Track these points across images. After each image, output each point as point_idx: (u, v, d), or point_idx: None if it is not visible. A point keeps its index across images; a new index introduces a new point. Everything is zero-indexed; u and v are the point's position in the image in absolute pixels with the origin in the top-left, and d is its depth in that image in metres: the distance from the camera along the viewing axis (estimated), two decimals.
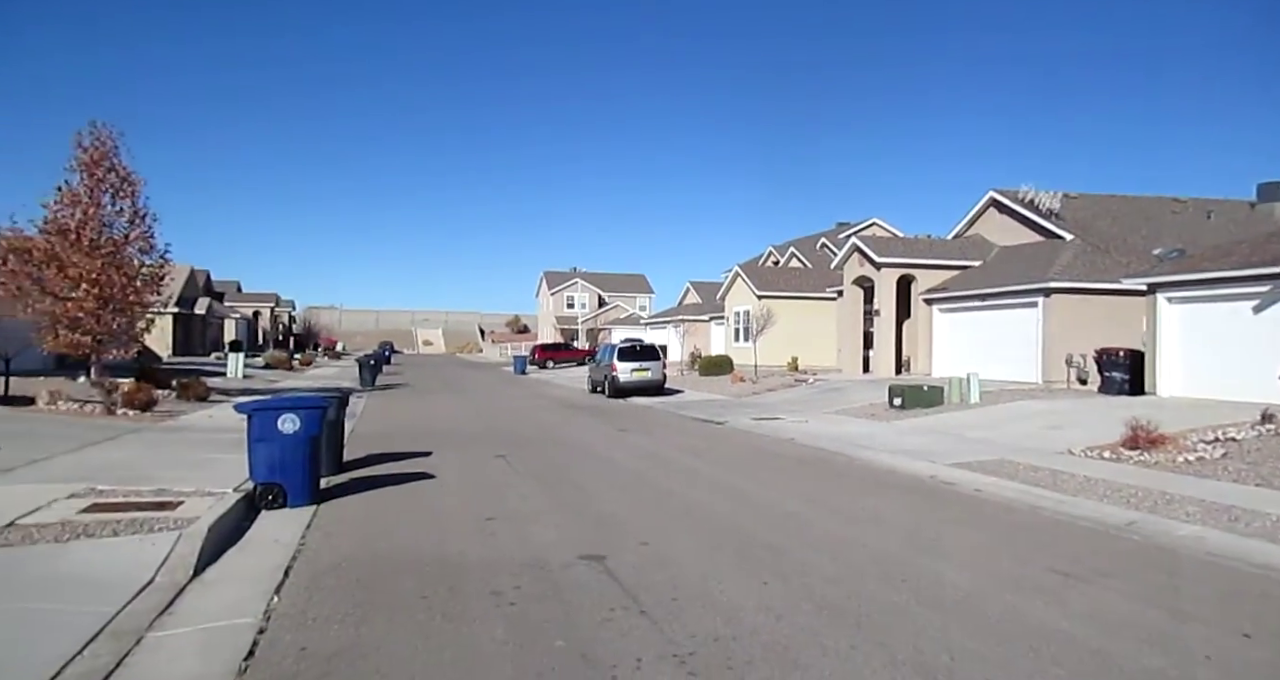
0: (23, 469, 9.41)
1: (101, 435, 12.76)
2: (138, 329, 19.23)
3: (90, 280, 16.98)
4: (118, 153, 17.72)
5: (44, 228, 17.14)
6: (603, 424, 17.91)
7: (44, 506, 7.39)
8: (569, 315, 76.87)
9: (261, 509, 8.01)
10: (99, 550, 6.11)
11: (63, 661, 4.03)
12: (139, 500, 7.86)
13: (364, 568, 6.03)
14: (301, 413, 8.41)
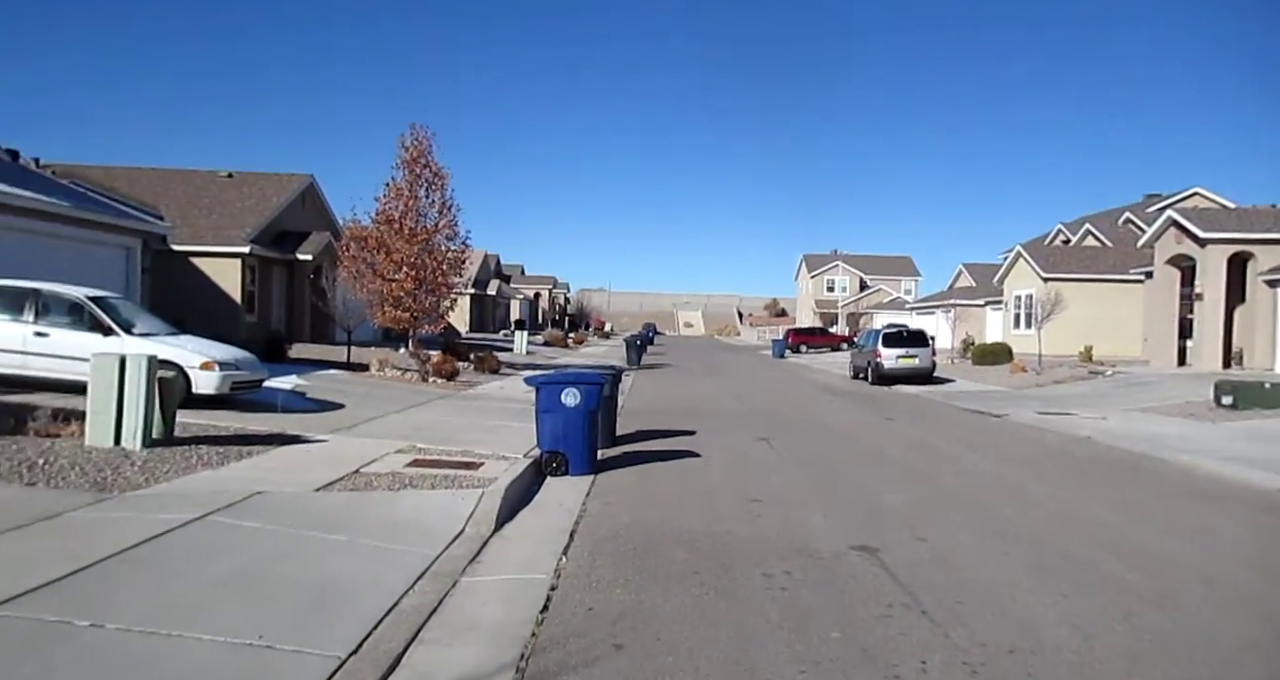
0: (363, 425, 11.10)
1: (417, 399, 14.68)
2: (444, 307, 21.81)
3: (409, 264, 19.55)
4: (432, 151, 20.19)
5: (376, 218, 20.01)
6: (867, 411, 17.28)
7: (379, 458, 8.65)
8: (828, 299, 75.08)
9: (547, 475, 8.72)
10: (421, 500, 7.03)
11: (399, 594, 4.68)
12: (449, 459, 8.93)
13: (639, 537, 6.33)
14: (582, 388, 9.02)
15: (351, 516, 6.26)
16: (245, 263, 23.24)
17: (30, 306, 10.68)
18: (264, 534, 5.59)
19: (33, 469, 6.75)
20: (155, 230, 17.72)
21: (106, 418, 7.93)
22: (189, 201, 24.17)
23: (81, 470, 6.88)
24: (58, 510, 5.70)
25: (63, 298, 10.96)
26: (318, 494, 6.97)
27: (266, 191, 25.95)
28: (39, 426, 8.14)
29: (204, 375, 10.79)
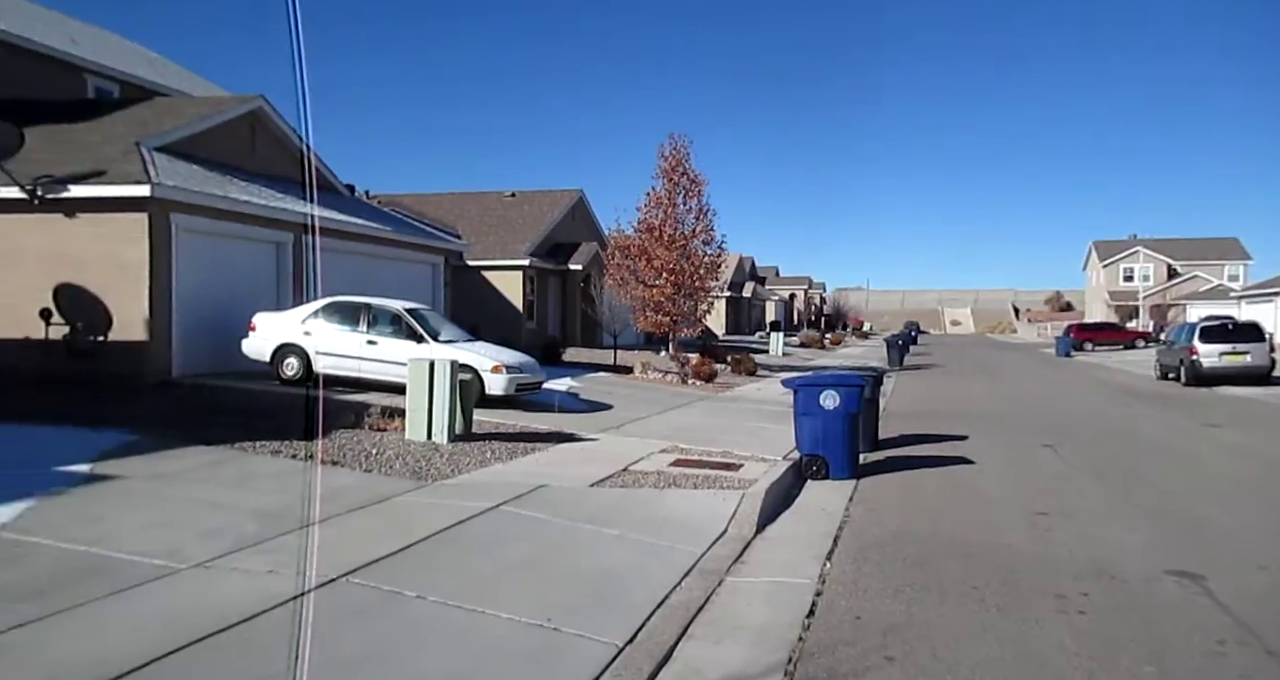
0: (629, 425, 11.75)
1: (678, 401, 15.23)
2: (701, 311, 22.44)
3: (669, 270, 20.37)
4: (689, 158, 20.89)
5: (637, 227, 21.11)
6: (1179, 416, 15.02)
7: (645, 457, 9.11)
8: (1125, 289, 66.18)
9: (807, 478, 8.63)
10: (684, 499, 7.30)
11: (667, 589, 4.90)
12: (710, 460, 9.16)
13: (908, 546, 6.06)
14: (842, 390, 8.81)
15: (622, 512, 6.66)
16: (525, 274, 25.60)
17: (363, 318, 12.63)
18: (547, 525, 6.13)
19: (368, 458, 7.98)
20: (455, 248, 20.11)
21: (420, 415, 9.15)
22: (480, 220, 27.14)
23: (403, 461, 8.01)
24: (387, 495, 6.69)
25: (387, 310, 12.82)
26: (592, 489, 7.49)
27: (542, 207, 28.39)
28: (371, 422, 9.59)
29: (495, 378, 12.06)
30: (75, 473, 6.33)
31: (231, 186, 13.50)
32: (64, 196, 11.42)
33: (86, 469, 6.47)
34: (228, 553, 4.92)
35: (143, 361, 11.64)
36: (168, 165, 12.54)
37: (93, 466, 6.56)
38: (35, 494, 5.61)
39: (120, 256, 11.66)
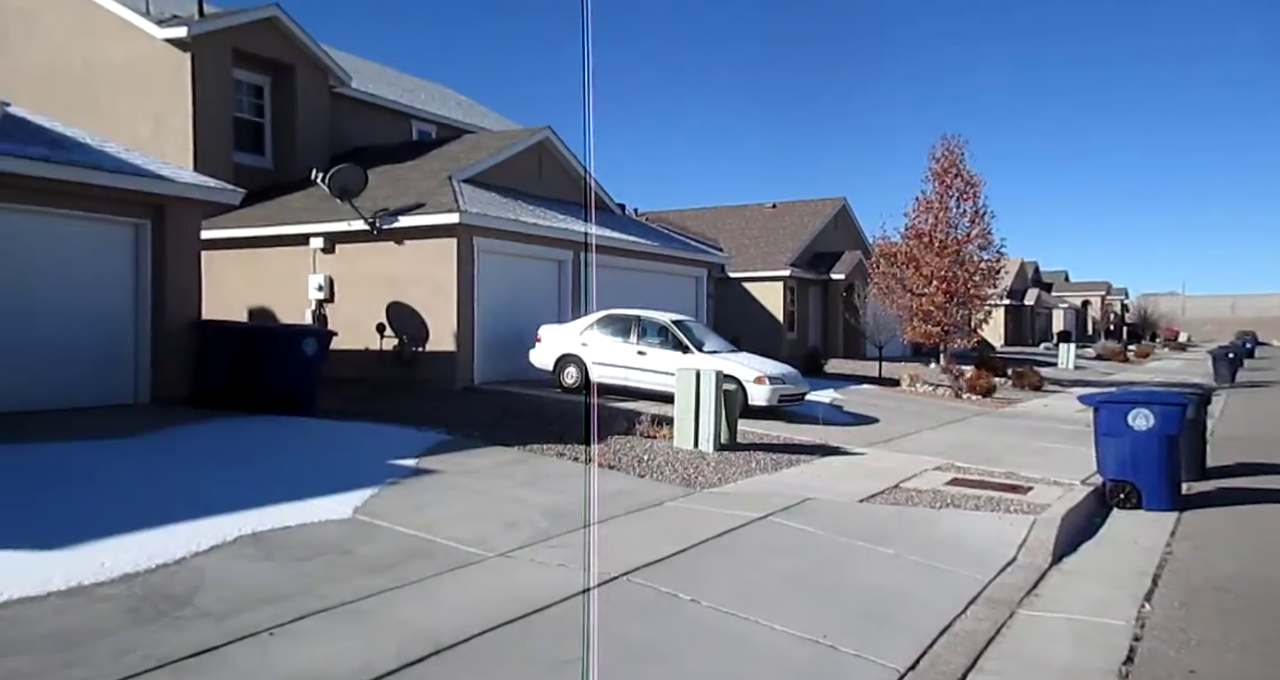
0: (897, 440, 11.23)
1: (951, 416, 14.26)
2: (976, 320, 20.86)
3: (939, 277, 19.20)
4: (963, 159, 19.59)
5: (904, 234, 20.17)
6: None
7: (917, 475, 8.64)
8: None
9: (1113, 506, 7.66)
10: (964, 521, 6.81)
11: (950, 616, 4.60)
12: (992, 480, 8.46)
13: (1253, 593, 5.15)
14: (1155, 408, 7.72)
15: (895, 530, 6.37)
16: (786, 284, 25.50)
17: (634, 330, 13.36)
18: (816, 538, 6.04)
19: (640, 463, 8.40)
20: (716, 260, 20.58)
21: (687, 424, 9.46)
22: (741, 232, 27.54)
23: (673, 467, 8.33)
24: (659, 500, 6.99)
25: (655, 322, 13.45)
26: (861, 505, 7.26)
27: (803, 217, 28.13)
28: (642, 429, 10.09)
29: (757, 388, 12.13)
30: (404, 466, 7.37)
31: (521, 210, 14.97)
32: (394, 226, 13.37)
33: (413, 463, 7.50)
34: (526, 545, 5.43)
35: (452, 369, 13.26)
36: (472, 194, 14.21)
37: (417, 461, 7.58)
38: (378, 483, 6.60)
39: (435, 277, 13.40)
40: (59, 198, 8.79)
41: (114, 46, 14.99)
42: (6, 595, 3.91)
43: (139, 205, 9.60)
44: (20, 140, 8.51)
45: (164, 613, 3.94)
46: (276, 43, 15.83)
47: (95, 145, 9.76)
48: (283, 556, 4.87)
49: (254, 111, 16.14)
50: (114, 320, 9.55)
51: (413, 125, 19.30)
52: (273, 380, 9.76)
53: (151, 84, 14.71)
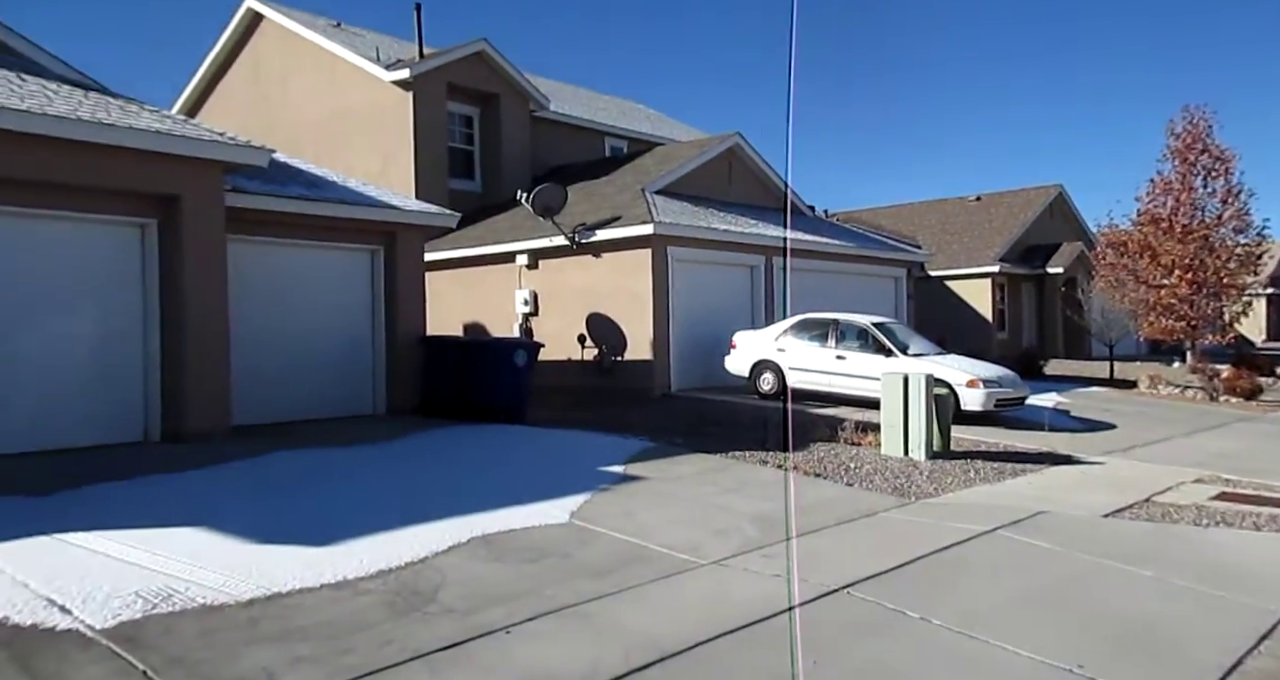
0: (1141, 448, 10.04)
1: (1207, 421, 12.56)
2: (1231, 313, 18.31)
3: (1182, 266, 17.06)
4: (1211, 133, 17.28)
5: (1136, 220, 18.11)
6: None
7: (1172, 487, 7.66)
8: None
9: None
10: (1241, 541, 5.93)
11: (1238, 651, 4.00)
12: (1272, 496, 7.33)
13: None
14: None
15: (1152, 550, 5.67)
16: (994, 281, 23.75)
17: (831, 334, 12.97)
18: (1056, 556, 5.50)
19: (847, 472, 8.10)
20: (916, 259, 19.56)
21: (895, 431, 9.00)
22: (941, 228, 26.02)
23: (882, 476, 7.95)
24: (871, 509, 6.69)
25: (854, 325, 12.97)
26: (1106, 520, 6.54)
27: (1013, 209, 26.10)
28: (845, 436, 9.74)
29: (970, 392, 11.34)
30: (613, 473, 7.58)
31: (712, 217, 15.03)
32: (592, 240, 13.89)
33: (621, 470, 7.70)
34: (738, 553, 5.38)
35: (649, 377, 13.53)
36: (664, 204, 14.47)
37: (625, 468, 7.78)
38: (590, 489, 6.83)
39: (632, 287, 13.75)
40: (313, 231, 9.93)
41: (350, 93, 16.81)
42: (290, 585, 4.41)
43: (374, 233, 10.64)
44: (281, 182, 9.71)
45: (415, 608, 4.27)
46: (484, 74, 17.02)
47: (340, 182, 10.95)
48: (511, 558, 5.14)
49: (465, 140, 17.45)
50: (356, 338, 10.62)
51: (605, 141, 20.00)
52: (489, 390, 10.43)
53: (381, 123, 16.33)
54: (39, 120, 6.93)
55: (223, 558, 4.76)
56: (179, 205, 8.06)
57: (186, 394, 8.07)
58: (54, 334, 7.54)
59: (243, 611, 4.08)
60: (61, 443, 7.43)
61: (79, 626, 3.76)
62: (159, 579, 4.35)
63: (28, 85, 7.61)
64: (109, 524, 5.16)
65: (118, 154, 7.51)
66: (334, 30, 17.99)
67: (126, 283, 8.03)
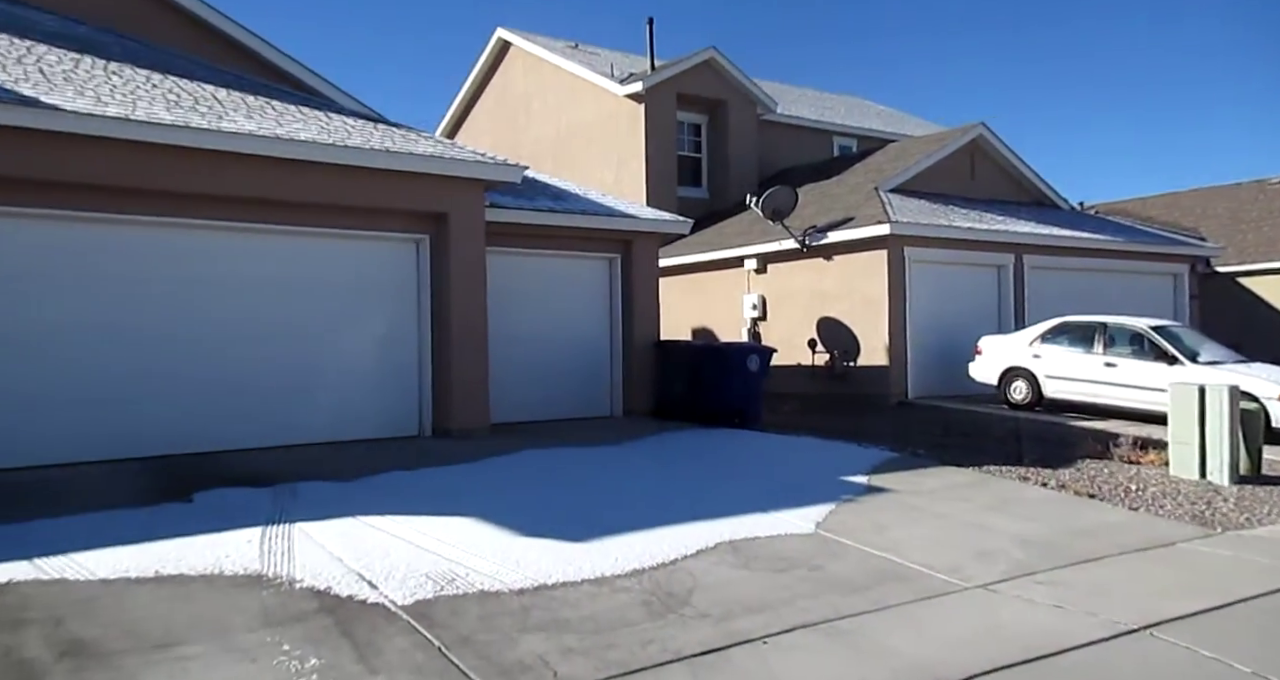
0: None
1: None
2: None
3: None
4: None
5: None
6: None
7: None
8: None
9: None
10: None
11: None
12: None
13: None
14: None
15: None
16: None
17: (1098, 339, 11.63)
18: None
19: (1128, 494, 7.18)
20: (1201, 253, 17.08)
21: (1188, 449, 7.86)
22: (1231, 218, 22.52)
23: (1174, 501, 6.96)
24: (1166, 539, 5.86)
25: (1126, 329, 11.54)
26: None
27: None
28: (1121, 453, 8.66)
29: None
30: (856, 483, 7.28)
31: (954, 215, 14.08)
32: (823, 242, 13.54)
33: (864, 481, 7.38)
34: (1007, 578, 4.92)
35: (884, 384, 12.92)
36: (900, 203, 13.78)
37: (868, 479, 7.44)
38: (833, 500, 6.61)
39: (865, 290, 13.23)
40: (558, 241, 10.54)
41: (586, 109, 17.74)
42: (554, 578, 4.65)
43: (613, 241, 11.09)
44: (530, 197, 10.41)
45: (670, 609, 4.33)
46: (712, 82, 17.23)
47: (581, 194, 11.55)
48: (758, 566, 5.07)
49: (693, 148, 17.76)
50: (595, 343, 11.12)
51: (833, 141, 19.48)
52: (721, 395, 10.46)
53: (614, 135, 17.07)
54: (343, 152, 7.94)
55: (492, 547, 5.13)
56: (447, 221, 8.87)
57: (453, 394, 8.85)
58: (351, 339, 8.57)
59: (515, 599, 4.36)
60: (354, 435, 8.42)
61: (384, 601, 4.20)
62: (443, 563, 4.77)
63: (333, 122, 8.76)
64: (398, 510, 5.75)
65: (401, 178, 8.42)
66: (571, 51, 19.08)
67: (404, 294, 8.96)
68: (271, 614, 4.00)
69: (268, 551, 4.80)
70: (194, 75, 8.83)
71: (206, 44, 10.44)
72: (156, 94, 7.81)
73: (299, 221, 8.14)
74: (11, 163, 6.57)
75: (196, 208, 7.58)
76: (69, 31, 9.09)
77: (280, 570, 4.53)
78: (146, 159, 7.06)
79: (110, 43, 9.14)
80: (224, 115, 7.76)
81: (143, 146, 7.01)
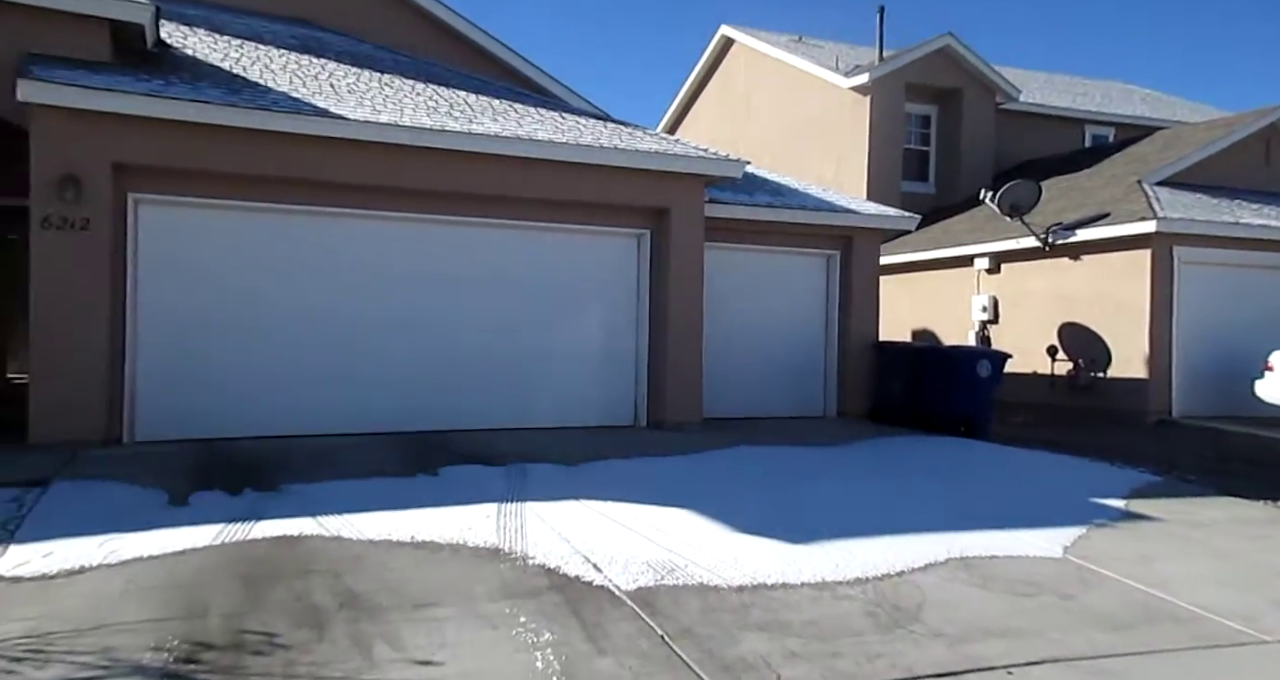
0: None
1: None
2: None
3: None
4: None
5: None
6: None
7: None
8: None
9: None
10: None
11: None
12: None
13: None
14: None
15: None
16: None
17: None
18: None
19: None
20: None
21: None
22: None
23: None
24: None
25: None
26: None
27: None
28: None
29: None
30: (1110, 507, 6.47)
31: (1242, 211, 12.20)
32: (1069, 241, 12.26)
33: (1120, 505, 6.55)
34: None
35: (1141, 399, 11.48)
36: (1169, 198, 12.16)
37: (1126, 503, 6.60)
38: (1083, 523, 5.92)
39: (1120, 293, 11.82)
40: (775, 236, 10.36)
41: (807, 103, 17.36)
42: (772, 578, 4.54)
43: (832, 238, 10.73)
44: (749, 192, 10.31)
45: (898, 623, 4.06)
46: (945, 70, 16.20)
47: (801, 189, 11.29)
48: (997, 588, 4.64)
49: (919, 141, 16.81)
50: (810, 341, 10.81)
51: (1085, 130, 17.65)
52: (946, 401, 9.79)
53: (836, 129, 16.56)
54: (575, 150, 8.30)
55: (709, 541, 5.10)
56: (668, 216, 9.00)
57: (667, 385, 8.97)
58: (574, 331, 8.95)
59: (734, 596, 4.29)
60: (574, 422, 8.78)
61: (609, 585, 4.30)
62: (662, 553, 4.81)
63: (566, 121, 9.19)
64: (618, 496, 5.89)
65: (626, 174, 8.66)
66: (795, 45, 18.74)
67: (625, 287, 9.20)
68: (509, 586, 4.22)
69: (503, 527, 5.09)
70: (449, 82, 9.62)
71: (458, 52, 11.38)
72: (420, 101, 8.59)
73: (530, 217, 8.62)
74: (300, 165, 7.49)
75: (439, 204, 8.22)
76: (353, 49, 10.26)
77: (515, 546, 4.78)
78: (407, 159, 7.78)
79: (384, 57, 10.21)
80: (474, 118, 8.38)
81: (405, 149, 7.72)
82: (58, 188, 6.65)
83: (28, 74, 6.48)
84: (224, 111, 7.02)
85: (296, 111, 7.33)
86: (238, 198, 7.52)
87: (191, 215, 7.47)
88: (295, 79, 8.37)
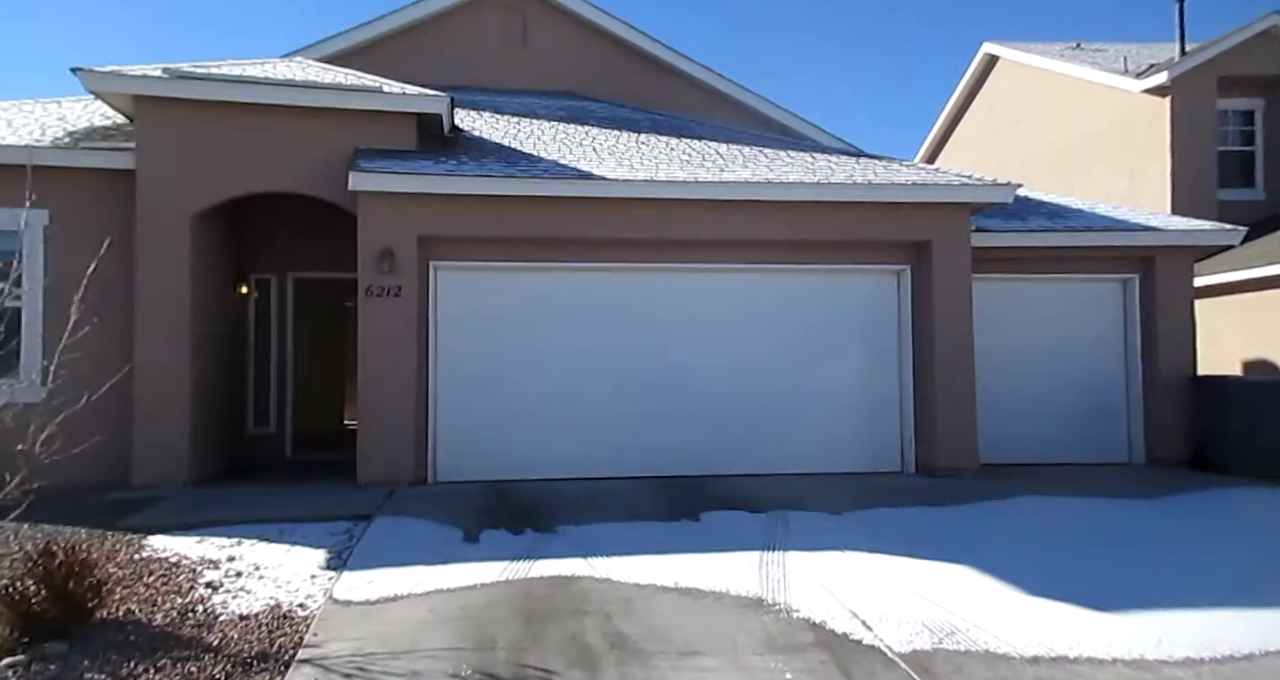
0: None
1: None
2: None
3: None
4: None
5: None
6: None
7: None
8: None
9: None
10: None
11: None
12: None
13: None
14: None
15: None
16: None
17: None
18: None
19: None
20: None
21: None
22: None
23: None
24: None
25: None
26: None
27: None
28: None
29: None
30: None
31: None
32: None
33: None
34: None
35: None
36: None
37: None
38: None
39: None
40: (1054, 263, 9.36)
41: (1088, 114, 15.65)
42: (1075, 651, 3.98)
43: (1127, 260, 9.47)
44: (1021, 217, 9.45)
45: None
46: (1271, 56, 13.82)
47: (1087, 209, 10.14)
48: None
49: (1240, 140, 14.39)
50: (1103, 377, 9.55)
51: None
52: None
53: (1126, 139, 14.71)
54: (826, 189, 8.18)
55: (993, 602, 4.60)
56: (930, 249, 8.49)
57: (938, 430, 8.36)
58: (832, 373, 8.66)
59: (1029, 669, 3.81)
60: (835, 468, 8.43)
61: (879, 645, 4.03)
62: (939, 613, 4.42)
63: (816, 161, 9.09)
64: (887, 549, 5.53)
65: (882, 209, 8.33)
66: (1072, 52, 17.05)
67: (884, 326, 8.78)
68: (773, 639, 4.11)
69: (766, 576, 5.00)
70: (700, 135, 9.97)
71: (709, 104, 11.79)
72: (674, 155, 8.98)
73: (784, 259, 8.56)
74: (565, 225, 8.10)
75: (693, 252, 8.44)
76: (613, 114, 11.06)
77: (778, 597, 4.66)
78: (662, 212, 8.13)
79: (641, 118, 10.87)
80: (724, 167, 8.57)
81: (660, 202, 8.08)
82: (376, 260, 7.80)
83: (355, 166, 7.71)
84: (502, 183, 7.84)
85: (561, 176, 7.98)
86: (517, 259, 8.31)
87: (478, 278, 8.37)
88: (563, 146, 9.14)
